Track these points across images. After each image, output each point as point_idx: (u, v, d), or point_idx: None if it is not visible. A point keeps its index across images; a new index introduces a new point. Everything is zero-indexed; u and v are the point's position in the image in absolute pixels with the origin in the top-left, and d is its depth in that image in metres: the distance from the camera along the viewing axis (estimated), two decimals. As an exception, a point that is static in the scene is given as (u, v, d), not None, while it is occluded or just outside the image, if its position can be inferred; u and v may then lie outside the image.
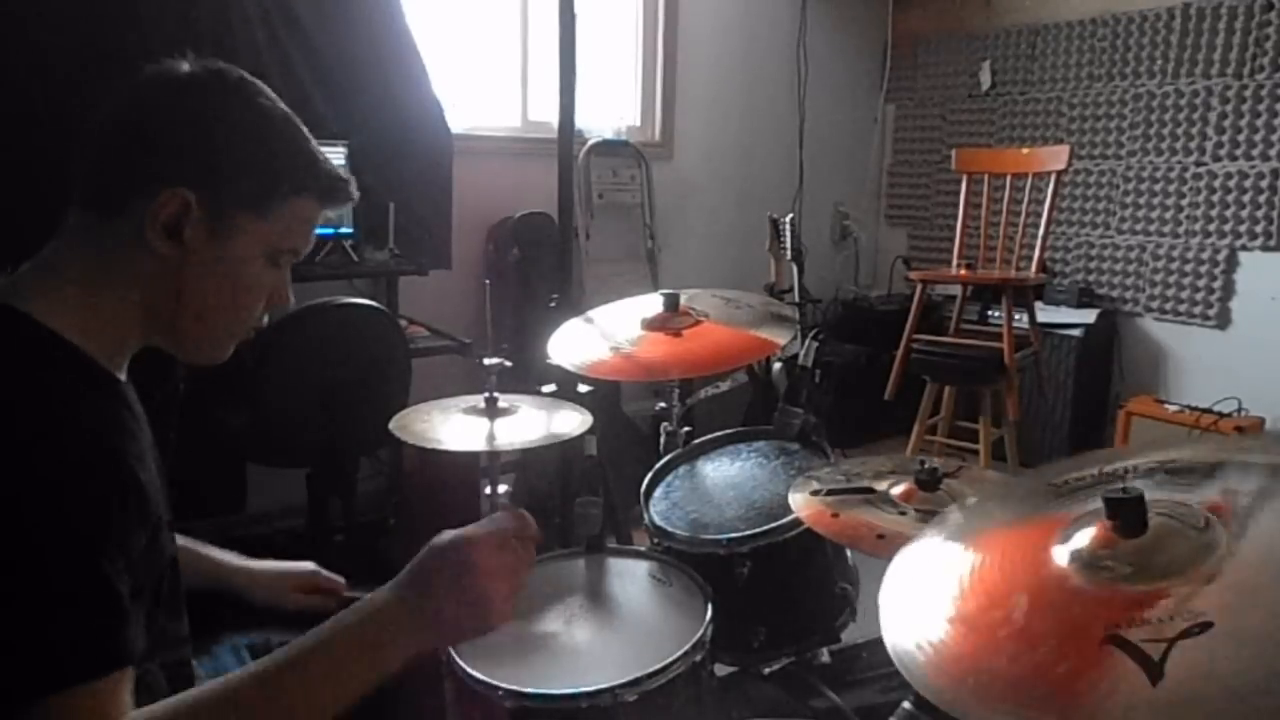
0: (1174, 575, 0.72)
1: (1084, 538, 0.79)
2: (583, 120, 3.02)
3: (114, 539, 0.77)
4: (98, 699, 0.72)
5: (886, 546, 1.15)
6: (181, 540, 1.12)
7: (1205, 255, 3.56)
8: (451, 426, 1.56)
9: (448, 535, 0.90)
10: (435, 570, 0.88)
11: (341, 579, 1.35)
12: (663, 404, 1.81)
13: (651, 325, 1.70)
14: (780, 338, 1.63)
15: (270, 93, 0.94)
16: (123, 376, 0.92)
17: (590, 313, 1.84)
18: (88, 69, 2.12)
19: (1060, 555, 0.80)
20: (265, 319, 0.99)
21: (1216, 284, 3.55)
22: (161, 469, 0.95)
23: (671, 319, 1.70)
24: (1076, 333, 3.70)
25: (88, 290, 0.87)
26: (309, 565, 1.35)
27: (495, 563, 0.89)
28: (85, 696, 0.72)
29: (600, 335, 1.72)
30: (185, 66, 0.90)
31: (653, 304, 1.75)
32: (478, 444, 1.53)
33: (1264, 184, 3.38)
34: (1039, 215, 3.23)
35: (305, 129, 0.95)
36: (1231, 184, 3.46)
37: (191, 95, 0.89)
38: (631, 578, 1.39)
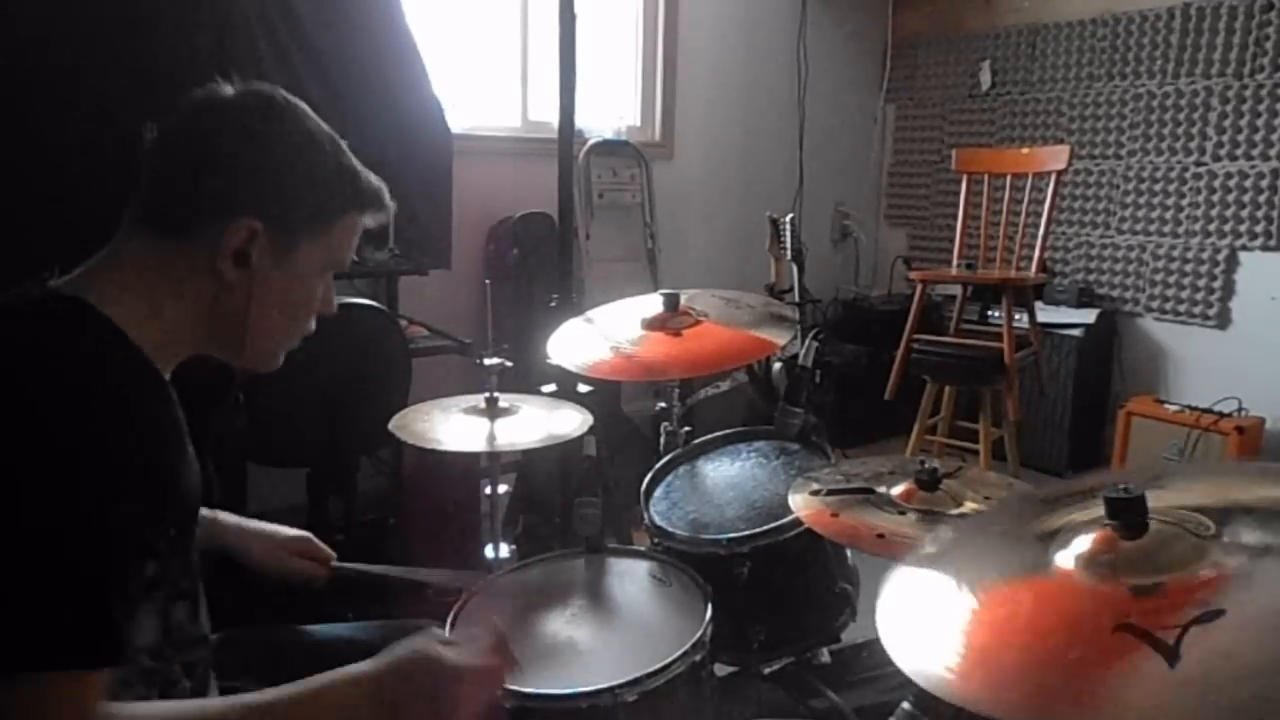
0: (1176, 570, 0.73)
1: (1084, 542, 0.80)
2: (583, 120, 3.02)
3: (142, 534, 0.80)
4: (86, 688, 0.74)
5: (886, 546, 1.15)
6: None
7: (1205, 255, 3.57)
8: (451, 426, 1.57)
9: (434, 648, 0.90)
10: (414, 680, 0.87)
11: (331, 553, 1.38)
12: (663, 404, 1.82)
13: (651, 325, 1.70)
14: (780, 338, 1.63)
15: (311, 112, 0.98)
16: (167, 378, 0.94)
17: (590, 313, 1.84)
18: (88, 70, 2.12)
19: (1061, 559, 0.80)
20: (313, 326, 1.03)
21: (1216, 284, 3.55)
22: (198, 470, 0.97)
23: (671, 319, 1.70)
24: (1076, 333, 3.70)
25: (150, 298, 0.89)
26: (304, 533, 1.37)
27: (473, 698, 0.90)
28: (75, 682, 0.74)
29: (600, 335, 1.72)
30: (230, 91, 0.94)
31: (653, 304, 1.75)
32: (478, 444, 1.53)
33: (1264, 184, 3.38)
34: (1039, 215, 3.23)
35: (343, 143, 1.00)
36: (1231, 184, 3.46)
37: (247, 122, 0.92)
38: (631, 578, 1.39)
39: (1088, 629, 0.70)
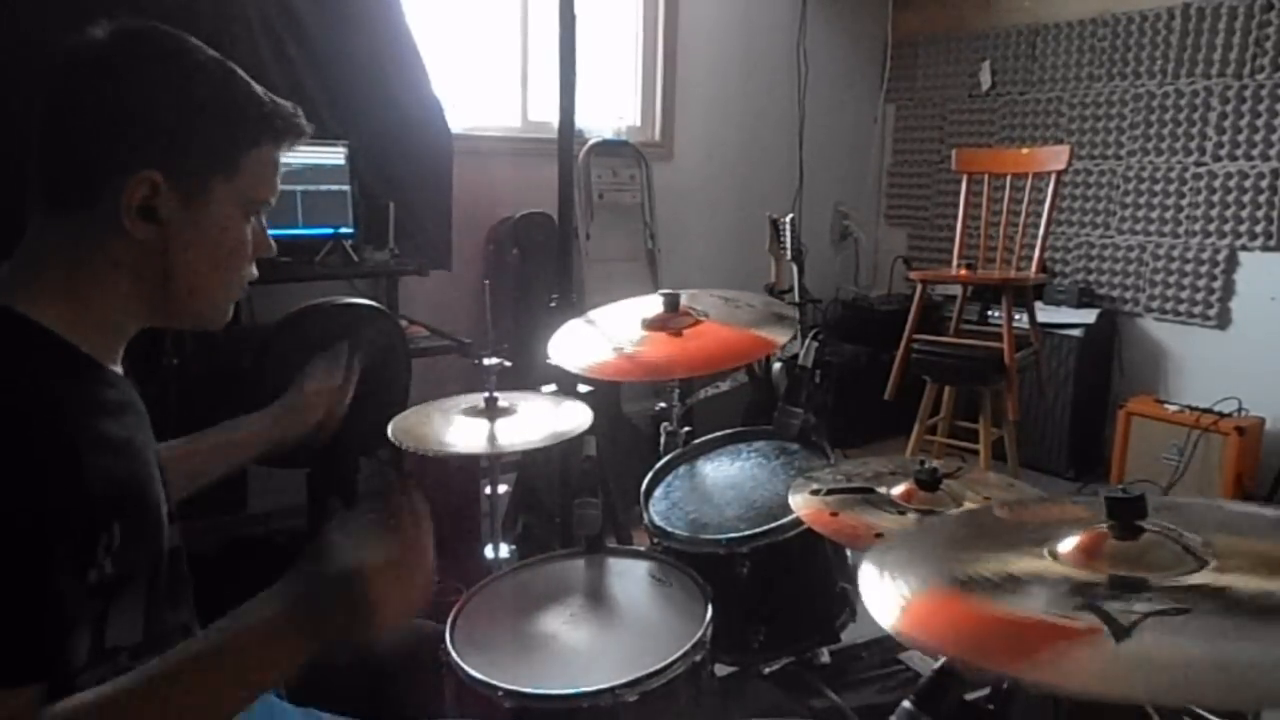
0: (1159, 570, 0.75)
1: (1072, 540, 0.81)
2: (583, 120, 3.03)
3: (75, 539, 0.76)
4: (18, 703, 0.71)
5: (886, 546, 1.15)
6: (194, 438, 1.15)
7: (1205, 255, 3.56)
8: (452, 427, 1.57)
9: (344, 556, 0.83)
10: (333, 598, 0.81)
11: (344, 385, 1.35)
12: (663, 404, 1.82)
13: (652, 326, 1.70)
14: (780, 336, 1.63)
15: (198, 42, 0.89)
16: (116, 366, 0.90)
17: (591, 313, 1.84)
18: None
19: (1046, 552, 0.82)
20: (255, 271, 0.97)
21: (1216, 284, 3.55)
22: (157, 457, 0.94)
23: (672, 319, 1.70)
24: (1076, 333, 3.70)
25: (72, 283, 0.85)
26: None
27: (401, 594, 0.83)
28: (8, 698, 0.71)
29: (601, 336, 1.72)
30: (101, 35, 0.85)
31: (653, 305, 1.75)
32: (478, 444, 1.53)
33: (1264, 184, 3.38)
34: (1039, 215, 3.22)
35: (242, 72, 0.91)
36: (1231, 184, 3.46)
37: (125, 69, 0.85)
38: (631, 578, 1.39)
39: (1059, 604, 0.73)
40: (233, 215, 0.91)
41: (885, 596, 0.79)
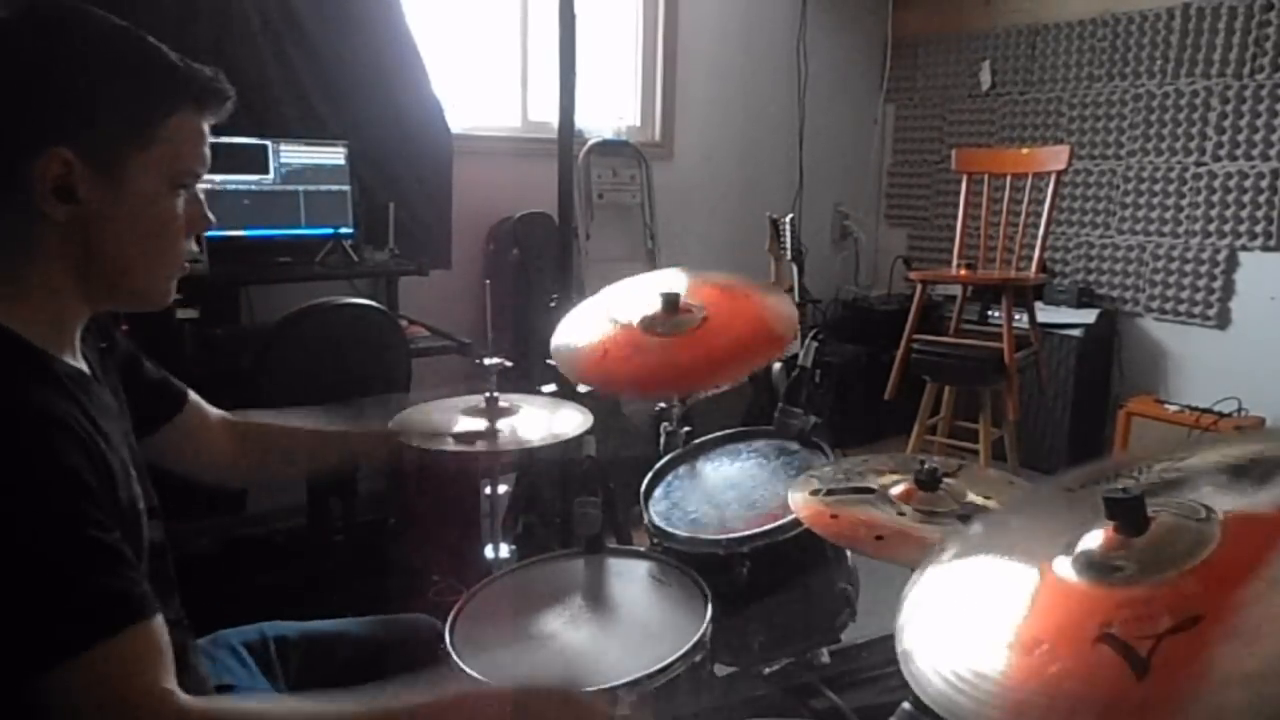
0: (1171, 570, 0.72)
1: (1093, 540, 0.79)
2: (583, 120, 3.03)
3: (86, 498, 0.76)
4: (122, 656, 0.73)
5: (886, 547, 1.15)
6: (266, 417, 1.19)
7: (1205, 255, 3.56)
8: (451, 427, 1.56)
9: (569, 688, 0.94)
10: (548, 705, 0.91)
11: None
12: (663, 404, 1.81)
13: (652, 329, 1.68)
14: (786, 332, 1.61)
15: (101, 12, 0.86)
16: (70, 356, 0.89)
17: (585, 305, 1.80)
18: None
19: (1064, 561, 0.79)
20: (195, 247, 0.96)
21: (1216, 284, 3.55)
22: (134, 453, 0.93)
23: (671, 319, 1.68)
24: (1076, 333, 3.70)
25: (11, 278, 0.83)
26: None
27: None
28: (105, 657, 0.72)
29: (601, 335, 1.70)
30: (0, 14, 0.83)
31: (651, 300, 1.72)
32: (478, 444, 1.53)
33: (1264, 184, 3.38)
34: (1039, 215, 3.23)
35: (152, 39, 0.88)
36: (1231, 184, 3.46)
37: (24, 45, 0.82)
38: (631, 578, 1.39)
39: (1074, 639, 0.70)
40: (158, 189, 0.87)
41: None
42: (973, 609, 0.82)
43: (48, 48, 0.82)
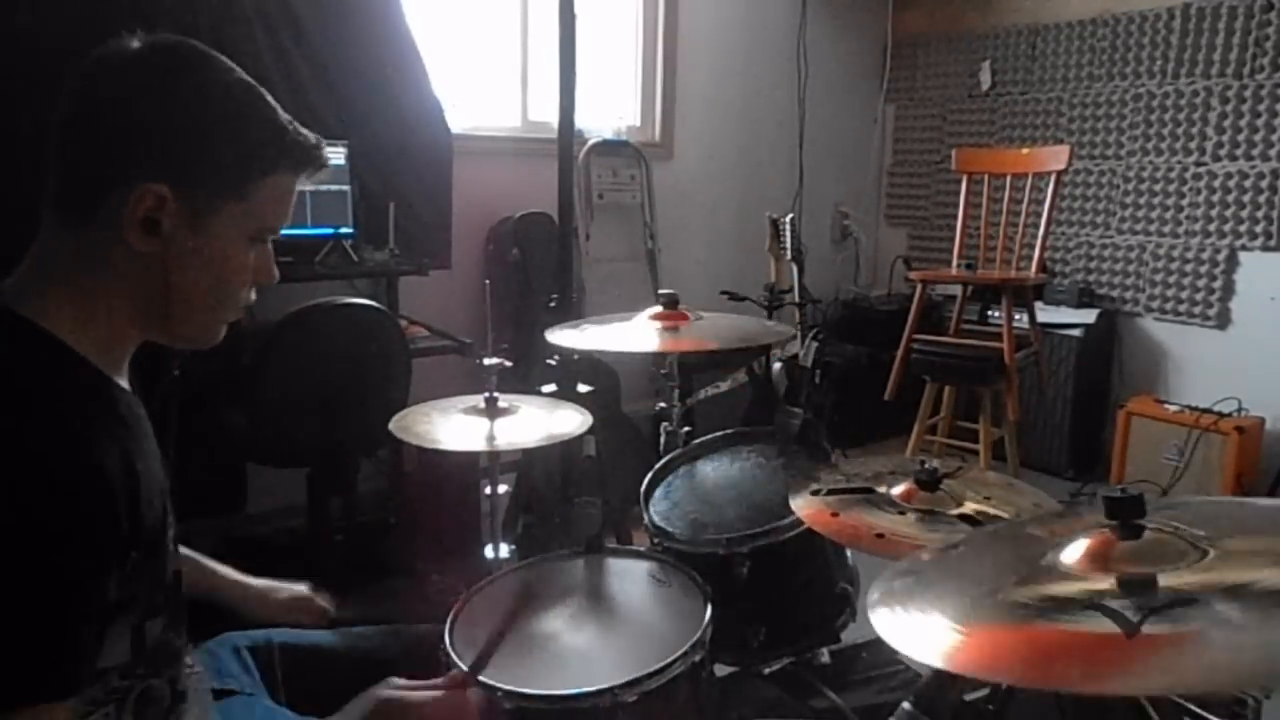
0: (1165, 564, 0.74)
1: (1080, 544, 0.81)
2: (583, 120, 3.02)
3: (94, 563, 0.75)
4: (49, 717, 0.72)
5: (886, 546, 1.16)
6: (183, 550, 1.11)
7: (1205, 255, 3.56)
8: (451, 426, 1.56)
9: (395, 693, 0.94)
10: None
11: (329, 607, 1.36)
12: (663, 404, 1.81)
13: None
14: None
15: (228, 62, 0.89)
16: (122, 379, 0.90)
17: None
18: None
19: (1052, 557, 0.81)
20: (254, 296, 0.96)
21: (1216, 284, 3.55)
22: (165, 473, 0.93)
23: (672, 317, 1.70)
24: (1076, 333, 3.70)
25: (76, 292, 0.84)
26: (302, 587, 1.35)
27: None
28: (37, 715, 0.71)
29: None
30: (134, 45, 0.85)
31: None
32: (478, 444, 1.53)
33: (1264, 184, 3.38)
34: (1039, 215, 3.23)
35: (269, 97, 0.90)
36: (1231, 184, 3.46)
37: (149, 81, 0.84)
38: (631, 578, 1.39)
39: (1063, 608, 0.74)
40: (237, 239, 0.90)
41: (926, 632, 0.77)
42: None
43: (171, 86, 0.85)
